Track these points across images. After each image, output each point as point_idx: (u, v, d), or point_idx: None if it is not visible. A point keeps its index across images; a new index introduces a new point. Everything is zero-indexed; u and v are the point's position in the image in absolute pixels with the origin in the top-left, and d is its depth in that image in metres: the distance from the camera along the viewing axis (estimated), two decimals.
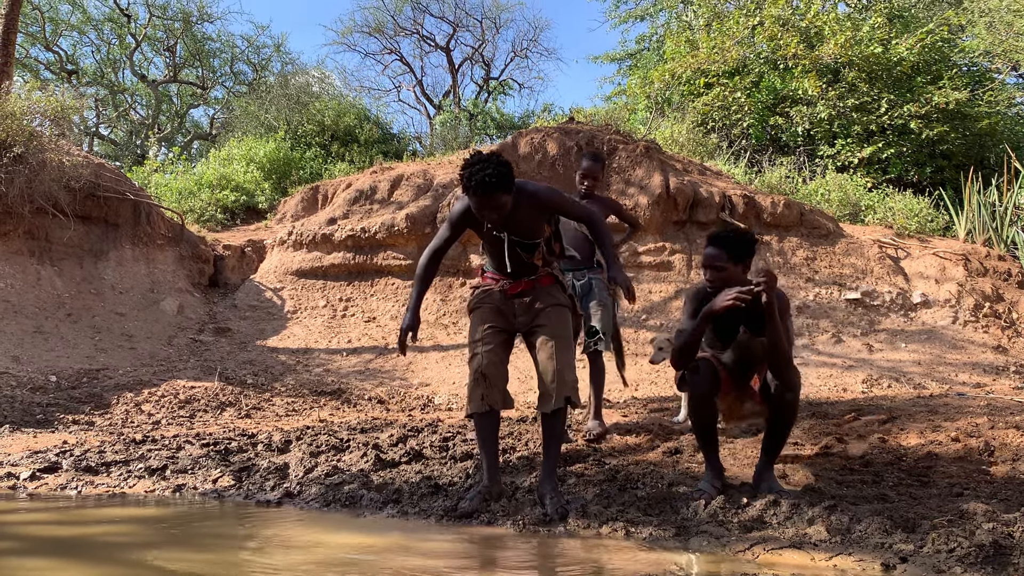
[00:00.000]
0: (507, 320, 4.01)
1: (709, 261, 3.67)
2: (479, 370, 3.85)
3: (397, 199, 11.49)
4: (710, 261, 3.67)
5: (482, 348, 3.90)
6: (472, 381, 3.87)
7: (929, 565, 2.65)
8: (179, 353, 9.38)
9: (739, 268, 3.66)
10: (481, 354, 3.89)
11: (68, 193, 9.88)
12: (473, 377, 3.87)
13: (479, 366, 3.86)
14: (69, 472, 4.67)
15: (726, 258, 3.64)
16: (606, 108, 17.02)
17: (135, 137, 23.42)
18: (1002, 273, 9.79)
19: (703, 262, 3.72)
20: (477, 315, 4.02)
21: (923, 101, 13.44)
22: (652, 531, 3.21)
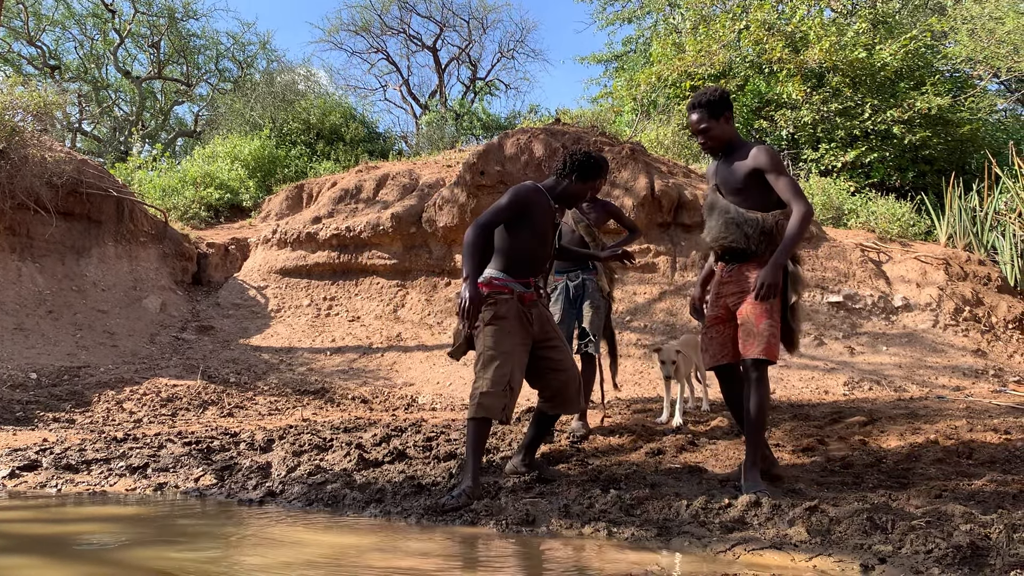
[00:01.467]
0: (528, 332, 4.06)
1: (694, 127, 3.96)
2: (509, 382, 3.89)
3: (382, 198, 11.47)
4: (695, 127, 3.96)
5: (515, 360, 3.95)
6: (498, 390, 3.87)
7: (907, 566, 2.67)
8: (161, 351, 9.32)
9: (722, 122, 3.93)
10: (514, 367, 3.94)
11: (50, 189, 9.81)
12: (500, 387, 3.87)
13: (509, 378, 3.89)
14: (49, 470, 4.64)
15: (707, 117, 3.91)
16: (592, 110, 17.07)
17: (118, 134, 23.24)
18: (982, 278, 9.88)
19: (691, 131, 4.04)
20: (507, 325, 3.97)
21: (906, 106, 13.56)
22: (634, 531, 3.22)
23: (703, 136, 3.95)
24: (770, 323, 3.78)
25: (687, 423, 5.56)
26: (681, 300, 9.51)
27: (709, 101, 3.90)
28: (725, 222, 3.92)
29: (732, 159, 3.95)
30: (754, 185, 3.88)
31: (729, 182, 3.95)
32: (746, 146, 3.94)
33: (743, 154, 3.91)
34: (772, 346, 3.78)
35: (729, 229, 3.91)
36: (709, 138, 3.94)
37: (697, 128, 3.95)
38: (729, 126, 3.95)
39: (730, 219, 3.90)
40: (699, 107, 3.92)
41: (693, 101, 3.95)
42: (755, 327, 3.79)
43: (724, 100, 3.92)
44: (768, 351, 3.77)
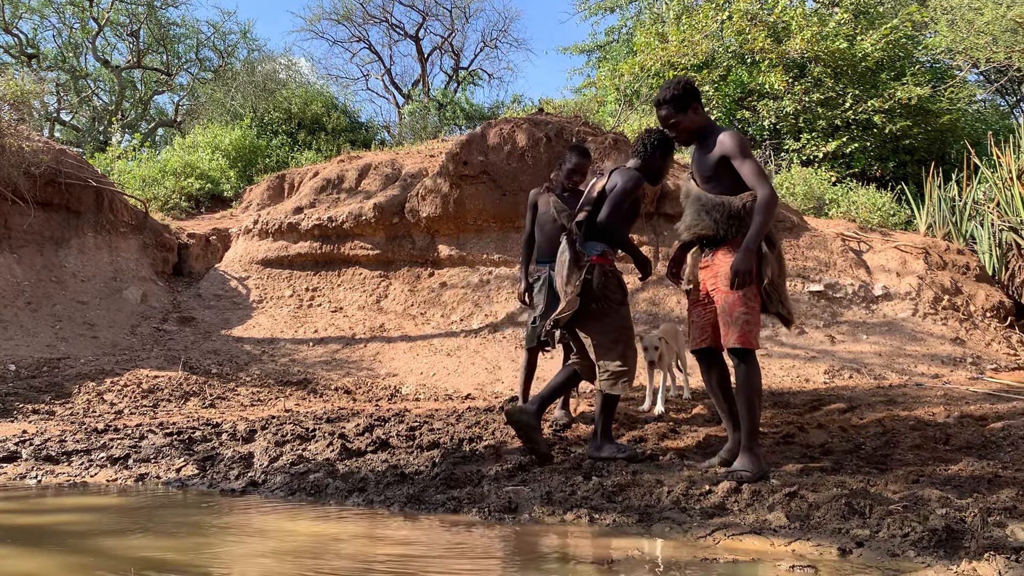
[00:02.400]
0: None
1: (663, 123, 4.08)
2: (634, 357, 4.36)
3: (365, 188, 11.43)
4: (664, 123, 4.08)
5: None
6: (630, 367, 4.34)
7: (884, 549, 2.71)
8: (142, 342, 9.27)
9: (690, 113, 4.01)
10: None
11: (28, 179, 9.71)
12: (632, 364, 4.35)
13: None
14: (29, 461, 4.61)
15: (675, 112, 4.00)
16: (575, 100, 17.06)
17: (97, 123, 23.01)
18: (960, 267, 9.98)
19: (662, 125, 4.14)
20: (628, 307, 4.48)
21: (887, 96, 13.65)
22: (616, 518, 3.25)
23: (673, 130, 4.07)
24: (745, 310, 3.80)
25: (669, 411, 5.59)
26: (664, 290, 9.54)
27: (674, 96, 3.97)
28: (696, 210, 3.99)
29: (705, 147, 4.01)
30: (724, 172, 3.93)
31: (701, 170, 4.02)
32: (716, 132, 3.98)
33: (713, 141, 3.96)
34: (747, 334, 3.79)
35: (700, 216, 3.97)
36: (679, 131, 4.05)
37: (666, 123, 4.06)
38: (698, 116, 4.02)
39: (701, 206, 3.97)
40: (665, 103, 4.00)
41: (658, 98, 4.03)
42: (730, 315, 3.82)
43: (689, 91, 3.98)
44: (744, 339, 3.78)
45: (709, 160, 3.95)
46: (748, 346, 3.79)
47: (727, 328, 3.83)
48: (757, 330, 3.85)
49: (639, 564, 2.69)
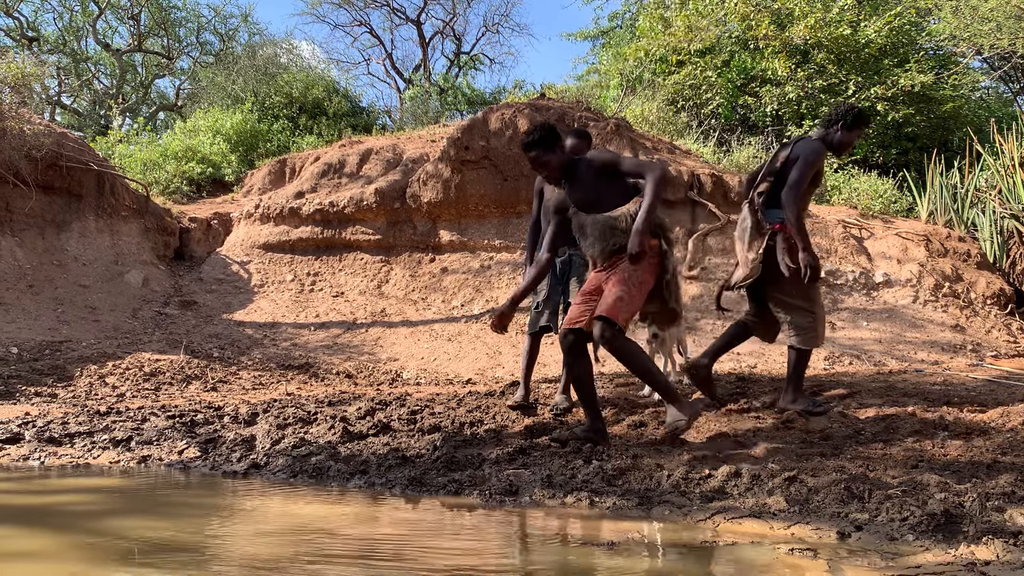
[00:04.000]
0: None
1: (536, 164, 4.20)
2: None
3: (366, 173, 11.42)
4: (536, 164, 4.19)
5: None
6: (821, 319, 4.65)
7: (883, 533, 2.73)
8: (144, 326, 9.29)
9: (558, 151, 4.18)
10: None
11: (29, 162, 9.70)
12: (821, 317, 4.67)
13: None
14: (32, 443, 4.63)
15: (544, 152, 4.14)
16: (578, 85, 17.00)
17: (98, 107, 22.94)
18: (962, 254, 9.98)
19: (532, 166, 4.26)
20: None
21: (890, 83, 13.60)
22: (616, 501, 3.26)
23: (545, 169, 4.19)
24: (624, 289, 4.00)
25: None
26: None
27: (542, 137, 4.12)
28: (602, 231, 4.17)
29: (576, 177, 4.22)
30: (605, 187, 4.16)
31: (586, 198, 4.22)
32: (580, 160, 4.23)
33: (584, 166, 4.20)
34: (615, 308, 3.95)
35: (610, 234, 4.15)
36: (551, 169, 4.19)
37: (538, 164, 4.18)
38: (564, 153, 4.22)
39: (606, 225, 4.15)
40: (534, 145, 4.12)
41: (526, 142, 4.16)
42: (608, 292, 4.03)
43: (552, 133, 4.15)
44: (613, 310, 3.93)
45: (590, 183, 4.19)
46: (613, 317, 3.92)
47: (603, 298, 4.03)
48: (628, 314, 4.03)
49: (639, 546, 2.70)
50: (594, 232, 4.20)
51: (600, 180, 4.17)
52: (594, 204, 4.20)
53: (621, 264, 4.12)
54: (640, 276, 4.08)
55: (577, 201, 4.26)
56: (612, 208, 4.16)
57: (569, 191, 4.27)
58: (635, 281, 4.05)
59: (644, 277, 4.11)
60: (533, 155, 4.16)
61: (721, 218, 9.98)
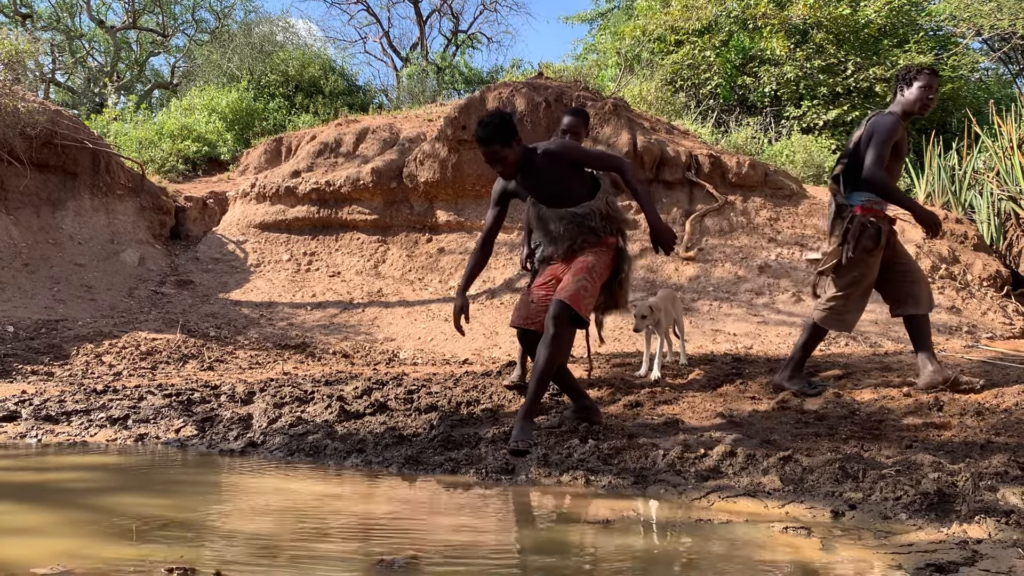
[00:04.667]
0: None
1: (492, 159, 3.93)
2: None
3: (363, 152, 11.37)
4: (493, 158, 3.92)
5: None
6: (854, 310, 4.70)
7: (876, 512, 2.75)
8: (140, 305, 9.28)
9: (514, 146, 3.92)
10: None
11: (24, 140, 9.65)
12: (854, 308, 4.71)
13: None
14: (29, 421, 4.64)
15: (502, 147, 3.89)
16: (576, 65, 16.92)
17: (93, 85, 22.78)
18: (959, 236, 9.98)
19: (488, 162, 3.97)
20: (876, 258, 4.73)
21: (889, 64, 13.55)
22: (611, 479, 3.28)
23: (501, 165, 3.96)
24: (588, 278, 3.93)
25: (665, 376, 5.63)
26: (661, 257, 9.55)
27: (499, 131, 3.88)
28: (567, 225, 4.06)
29: (535, 170, 4.04)
30: (570, 180, 4.05)
31: (548, 192, 4.08)
32: (537, 151, 4.01)
33: (545, 160, 4.01)
34: (578, 296, 3.85)
35: (578, 230, 4.06)
36: (508, 165, 3.96)
37: (494, 159, 3.94)
38: (520, 146, 3.98)
39: (572, 221, 4.05)
40: (492, 140, 3.88)
41: (482, 136, 3.90)
42: (570, 280, 3.93)
43: (510, 124, 3.92)
44: (574, 298, 3.84)
45: (553, 176, 4.03)
46: (573, 304, 3.83)
47: (565, 285, 3.92)
48: (588, 304, 3.93)
49: (634, 524, 2.72)
50: (559, 227, 4.08)
51: (565, 173, 4.04)
52: (558, 197, 4.08)
53: (581, 255, 4.07)
54: (601, 269, 4.02)
55: (538, 194, 4.12)
56: (577, 202, 4.07)
57: (525, 183, 4.10)
58: (597, 273, 3.99)
59: (603, 271, 4.05)
60: (490, 150, 3.90)
61: (719, 199, 9.97)
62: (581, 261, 4.02)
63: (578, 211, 4.04)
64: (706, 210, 9.95)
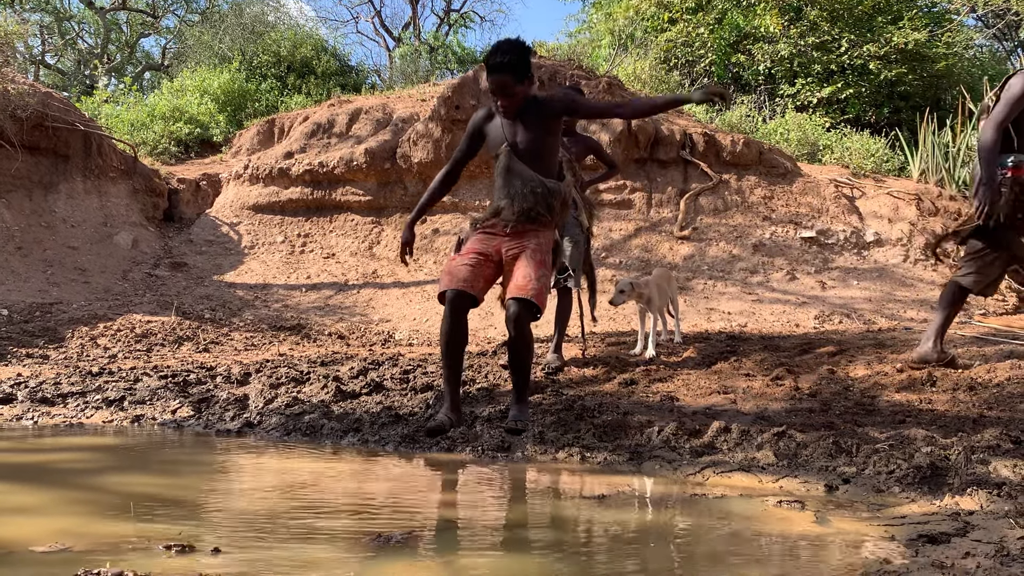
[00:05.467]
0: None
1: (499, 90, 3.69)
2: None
3: (356, 133, 11.32)
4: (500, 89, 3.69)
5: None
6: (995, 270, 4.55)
7: (869, 485, 2.77)
8: (134, 287, 9.26)
9: (526, 84, 3.71)
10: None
11: (14, 122, 9.58)
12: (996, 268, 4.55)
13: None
14: (24, 403, 4.64)
15: (515, 81, 3.67)
16: (569, 44, 16.84)
17: (83, 67, 22.59)
18: (953, 213, 10.00)
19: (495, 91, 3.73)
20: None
21: (883, 41, 13.50)
22: (606, 456, 3.30)
23: (509, 101, 3.72)
24: (543, 272, 3.82)
25: (660, 355, 5.65)
26: (656, 236, 9.55)
27: (518, 62, 3.63)
28: (532, 192, 3.84)
29: (529, 118, 3.82)
30: (551, 145, 3.88)
31: (528, 147, 3.85)
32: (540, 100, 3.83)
33: (542, 108, 3.81)
34: (541, 295, 3.76)
35: (535, 200, 3.85)
36: (513, 103, 3.74)
37: (505, 93, 3.70)
38: (531, 84, 3.77)
39: (536, 191, 3.85)
40: (507, 69, 3.62)
41: (498, 63, 3.62)
42: (531, 277, 3.76)
43: (528, 58, 3.67)
44: (539, 297, 3.73)
45: (540, 131, 3.83)
46: (541, 303, 3.75)
47: (529, 283, 3.74)
48: (546, 298, 3.86)
49: (629, 499, 2.74)
50: (526, 188, 3.84)
51: (550, 129, 3.84)
52: (534, 156, 3.85)
53: (532, 237, 3.88)
54: (548, 263, 3.91)
55: (519, 144, 3.84)
56: (547, 172, 3.89)
57: (513, 128, 3.83)
58: (548, 267, 3.88)
59: (547, 257, 3.92)
60: (502, 79, 3.63)
61: (713, 178, 9.96)
62: (535, 253, 3.83)
63: (548, 184, 3.88)
64: (700, 189, 9.94)
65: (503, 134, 3.86)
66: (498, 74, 3.63)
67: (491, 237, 3.94)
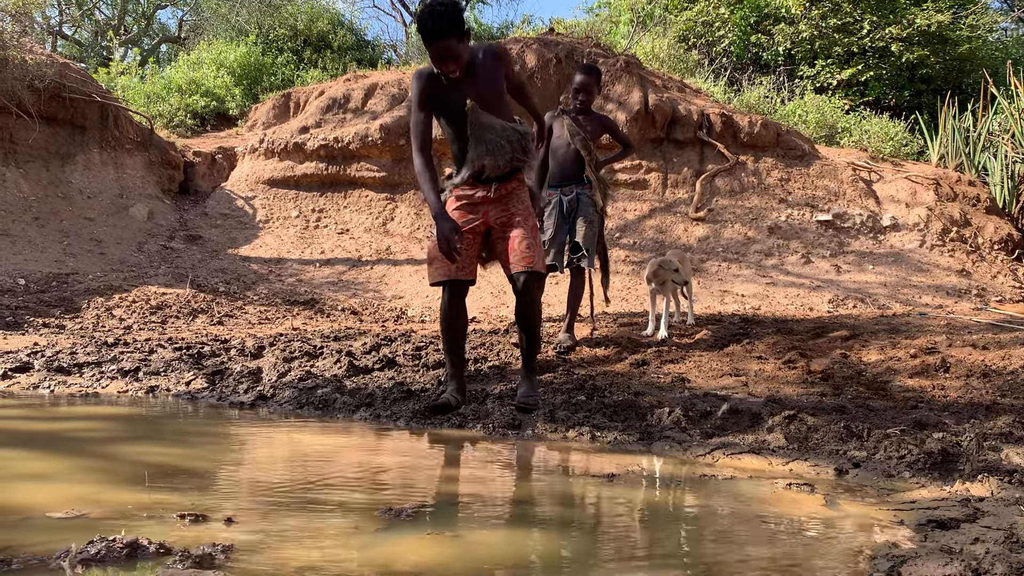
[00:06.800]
0: None
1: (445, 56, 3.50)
2: None
3: (371, 108, 11.29)
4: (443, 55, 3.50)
5: None
6: None
7: (880, 470, 2.77)
8: (150, 259, 9.31)
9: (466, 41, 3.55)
10: None
11: (32, 93, 9.60)
12: None
13: None
14: (41, 372, 4.69)
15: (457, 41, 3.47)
16: (588, 20, 16.70)
17: (100, 38, 22.58)
18: (971, 198, 9.91)
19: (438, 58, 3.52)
20: None
21: (905, 23, 13.32)
22: (617, 435, 3.31)
23: (455, 63, 3.51)
24: (535, 235, 3.81)
25: (672, 336, 5.64)
26: (671, 217, 9.51)
27: (456, 22, 3.43)
28: (508, 140, 3.70)
29: (475, 70, 3.65)
30: (503, 90, 3.77)
31: (489, 99, 3.69)
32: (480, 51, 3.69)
33: (488, 59, 3.69)
34: (540, 260, 3.78)
35: (512, 148, 3.72)
36: (462, 63, 3.54)
37: (450, 56, 3.48)
38: (470, 40, 3.60)
39: (511, 139, 3.72)
40: (446, 33, 3.43)
41: (434, 27, 3.42)
42: (534, 241, 3.75)
43: (462, 14, 3.51)
44: (542, 263, 3.80)
45: (495, 82, 3.70)
46: (542, 270, 3.81)
47: (532, 251, 3.72)
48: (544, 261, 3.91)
49: (639, 479, 2.75)
50: (501, 139, 3.68)
51: (498, 78, 3.71)
52: (496, 106, 3.70)
53: (517, 201, 3.81)
54: (534, 216, 3.90)
55: (478, 97, 3.64)
56: (508, 118, 3.73)
57: (463, 84, 3.62)
58: (536, 223, 3.87)
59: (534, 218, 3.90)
60: (445, 44, 3.43)
61: (730, 159, 9.89)
62: (525, 220, 3.77)
63: (519, 128, 3.74)
64: (717, 170, 9.88)
65: (460, 92, 3.65)
66: (442, 39, 3.43)
67: (474, 207, 3.81)
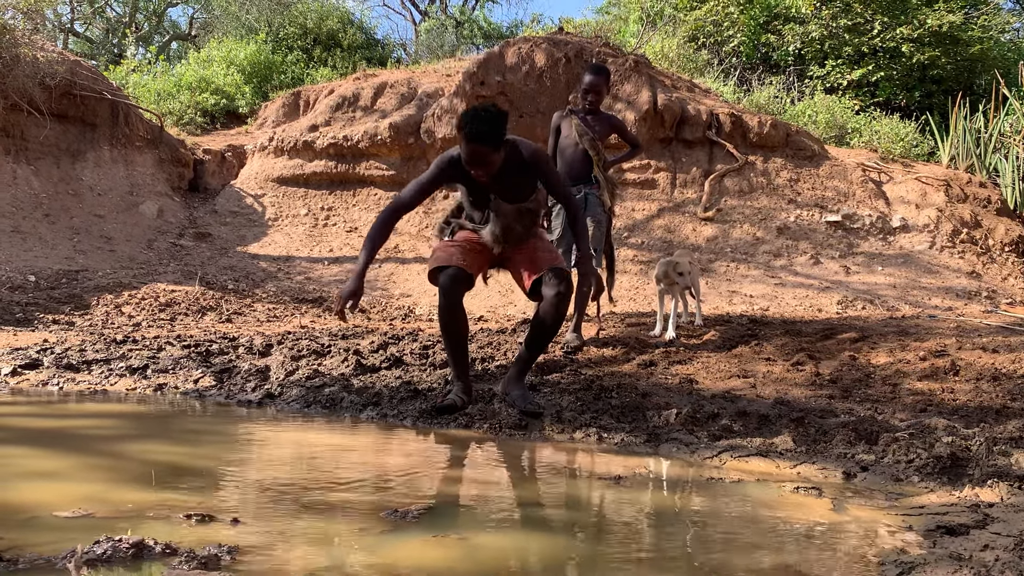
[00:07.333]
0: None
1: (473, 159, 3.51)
2: None
3: (381, 107, 11.30)
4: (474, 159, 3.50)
5: None
6: None
7: (888, 474, 2.76)
8: (159, 257, 9.35)
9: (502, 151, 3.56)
10: None
11: (43, 90, 9.64)
12: None
13: None
14: (50, 369, 4.71)
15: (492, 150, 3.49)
16: (597, 20, 16.68)
17: (111, 36, 22.66)
18: (982, 200, 9.85)
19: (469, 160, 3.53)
20: None
21: (917, 23, 13.25)
22: (624, 437, 3.30)
23: (483, 169, 3.54)
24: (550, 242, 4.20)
25: (680, 337, 5.63)
26: (680, 217, 9.49)
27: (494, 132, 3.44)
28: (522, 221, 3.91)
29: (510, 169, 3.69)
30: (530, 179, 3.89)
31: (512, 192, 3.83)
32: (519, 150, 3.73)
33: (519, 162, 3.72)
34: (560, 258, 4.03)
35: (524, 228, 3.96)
36: (490, 169, 3.57)
37: (480, 161, 3.50)
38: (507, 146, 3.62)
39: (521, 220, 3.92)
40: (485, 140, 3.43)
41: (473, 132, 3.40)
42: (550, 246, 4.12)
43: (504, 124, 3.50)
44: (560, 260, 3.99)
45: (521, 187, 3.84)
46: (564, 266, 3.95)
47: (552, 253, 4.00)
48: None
49: (646, 481, 2.75)
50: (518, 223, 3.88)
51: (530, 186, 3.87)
52: (516, 197, 3.84)
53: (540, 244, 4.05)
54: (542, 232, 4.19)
55: (502, 194, 3.80)
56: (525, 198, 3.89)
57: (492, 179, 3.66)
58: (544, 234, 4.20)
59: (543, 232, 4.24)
60: (479, 148, 3.44)
61: (739, 159, 9.86)
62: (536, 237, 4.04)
63: (530, 206, 3.90)
64: (726, 170, 9.85)
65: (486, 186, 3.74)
66: (478, 143, 3.44)
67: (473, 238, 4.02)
